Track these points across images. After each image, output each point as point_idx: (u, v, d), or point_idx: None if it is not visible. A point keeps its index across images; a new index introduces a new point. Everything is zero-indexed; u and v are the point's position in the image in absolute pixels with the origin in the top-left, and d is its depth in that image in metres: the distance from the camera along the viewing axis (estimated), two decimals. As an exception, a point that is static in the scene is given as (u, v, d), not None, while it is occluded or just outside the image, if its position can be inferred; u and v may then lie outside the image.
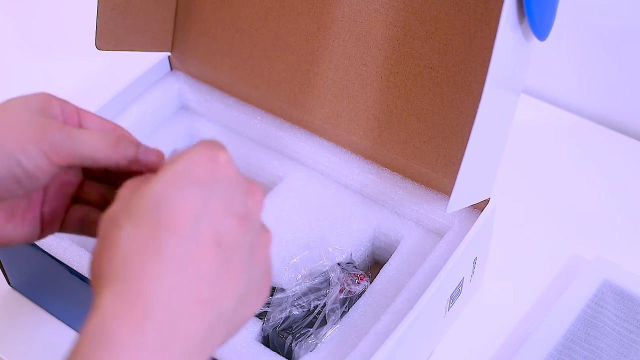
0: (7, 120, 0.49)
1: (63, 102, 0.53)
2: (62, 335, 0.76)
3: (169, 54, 0.86)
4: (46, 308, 0.78)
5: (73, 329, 0.76)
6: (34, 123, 0.49)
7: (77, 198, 0.56)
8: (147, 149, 0.51)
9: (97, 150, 0.50)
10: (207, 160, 0.44)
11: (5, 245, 0.53)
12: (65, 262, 0.69)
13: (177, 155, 0.44)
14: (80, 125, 0.53)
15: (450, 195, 0.64)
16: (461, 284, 0.72)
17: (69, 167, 0.53)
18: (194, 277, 0.41)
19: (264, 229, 0.47)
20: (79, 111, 0.54)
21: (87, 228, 0.56)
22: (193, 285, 0.41)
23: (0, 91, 1.02)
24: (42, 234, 0.55)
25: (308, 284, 0.70)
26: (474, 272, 0.74)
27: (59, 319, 0.77)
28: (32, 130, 0.49)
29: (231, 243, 0.43)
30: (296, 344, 0.67)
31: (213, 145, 0.45)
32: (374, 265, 0.79)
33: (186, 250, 0.41)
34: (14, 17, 1.14)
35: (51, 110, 0.51)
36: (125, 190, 0.45)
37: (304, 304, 0.69)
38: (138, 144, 0.51)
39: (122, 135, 0.51)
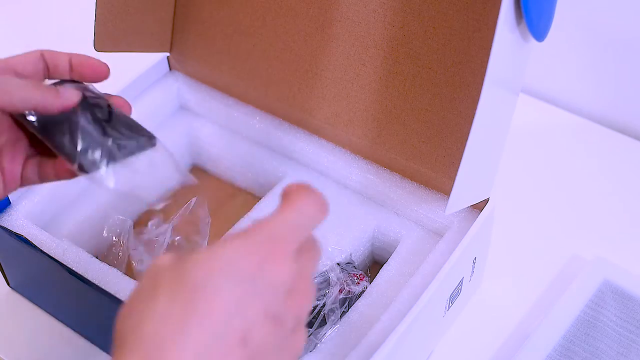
0: None
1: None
2: (61, 336, 0.76)
3: (168, 54, 0.86)
4: (45, 309, 0.78)
5: (72, 329, 0.76)
6: None
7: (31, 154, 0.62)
8: (64, 88, 0.58)
9: (23, 88, 0.56)
10: (257, 256, 0.43)
11: None
12: (65, 263, 0.69)
13: (233, 236, 0.44)
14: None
15: (449, 195, 0.64)
16: (461, 283, 0.72)
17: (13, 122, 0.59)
18: None
19: (299, 329, 0.46)
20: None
21: (44, 177, 0.61)
22: None
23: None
24: (5, 191, 0.61)
25: (307, 284, 0.70)
26: (473, 272, 0.74)
27: (58, 319, 0.77)
28: None
29: (258, 343, 0.43)
30: (296, 345, 0.67)
31: (277, 235, 0.44)
32: (373, 265, 0.79)
33: (210, 345, 0.41)
34: (13, 17, 1.14)
35: None
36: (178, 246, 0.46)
37: (303, 304, 0.69)
38: (56, 88, 0.57)
39: (41, 82, 0.58)
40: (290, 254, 0.44)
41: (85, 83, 0.63)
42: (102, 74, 0.62)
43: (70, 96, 0.58)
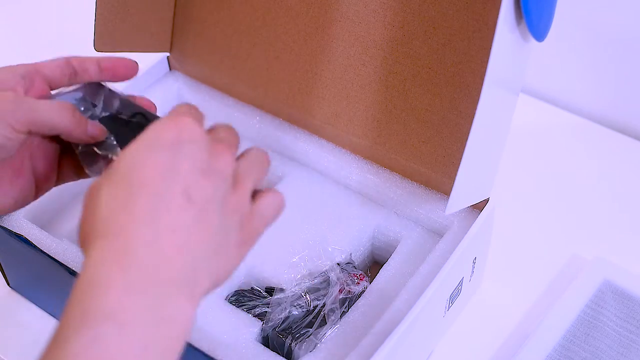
0: None
1: (30, 73, 0.60)
2: (61, 336, 0.76)
3: (168, 54, 0.86)
4: (45, 309, 0.78)
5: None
6: None
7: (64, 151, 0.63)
8: (94, 124, 0.60)
9: (53, 117, 0.57)
10: (173, 125, 0.48)
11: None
12: (65, 263, 0.69)
13: (150, 126, 0.49)
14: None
15: (449, 195, 0.64)
16: (461, 283, 0.72)
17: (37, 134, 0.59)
18: (166, 226, 0.46)
19: (237, 186, 0.50)
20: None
21: (82, 172, 0.62)
22: (167, 233, 0.46)
23: None
24: (38, 193, 0.62)
25: (307, 284, 0.70)
26: (473, 272, 0.74)
27: (58, 319, 0.77)
28: None
29: (202, 197, 0.47)
30: (296, 344, 0.67)
31: (180, 111, 0.51)
32: (373, 265, 0.79)
33: (156, 205, 0.46)
34: (13, 17, 1.14)
35: (7, 83, 0.58)
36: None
37: (303, 304, 0.69)
38: (87, 120, 0.60)
39: (75, 109, 0.59)
40: (196, 121, 0.50)
41: (109, 84, 0.64)
42: (134, 70, 0.64)
43: (97, 135, 0.60)
